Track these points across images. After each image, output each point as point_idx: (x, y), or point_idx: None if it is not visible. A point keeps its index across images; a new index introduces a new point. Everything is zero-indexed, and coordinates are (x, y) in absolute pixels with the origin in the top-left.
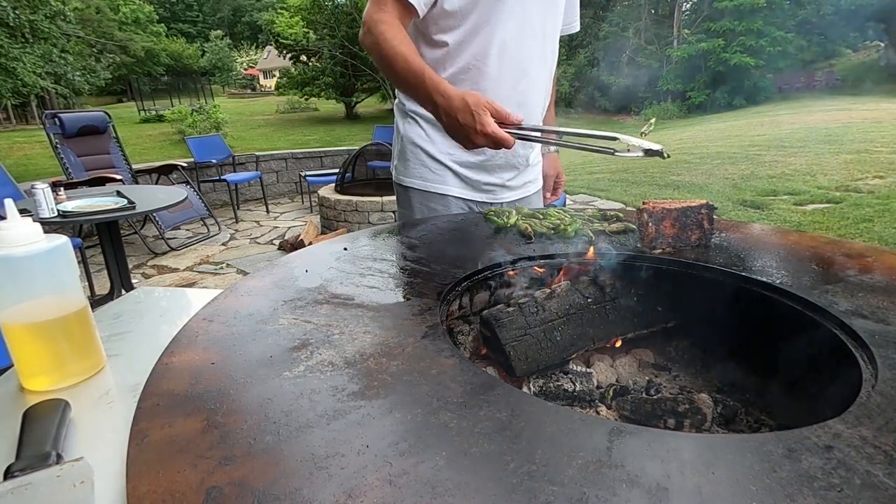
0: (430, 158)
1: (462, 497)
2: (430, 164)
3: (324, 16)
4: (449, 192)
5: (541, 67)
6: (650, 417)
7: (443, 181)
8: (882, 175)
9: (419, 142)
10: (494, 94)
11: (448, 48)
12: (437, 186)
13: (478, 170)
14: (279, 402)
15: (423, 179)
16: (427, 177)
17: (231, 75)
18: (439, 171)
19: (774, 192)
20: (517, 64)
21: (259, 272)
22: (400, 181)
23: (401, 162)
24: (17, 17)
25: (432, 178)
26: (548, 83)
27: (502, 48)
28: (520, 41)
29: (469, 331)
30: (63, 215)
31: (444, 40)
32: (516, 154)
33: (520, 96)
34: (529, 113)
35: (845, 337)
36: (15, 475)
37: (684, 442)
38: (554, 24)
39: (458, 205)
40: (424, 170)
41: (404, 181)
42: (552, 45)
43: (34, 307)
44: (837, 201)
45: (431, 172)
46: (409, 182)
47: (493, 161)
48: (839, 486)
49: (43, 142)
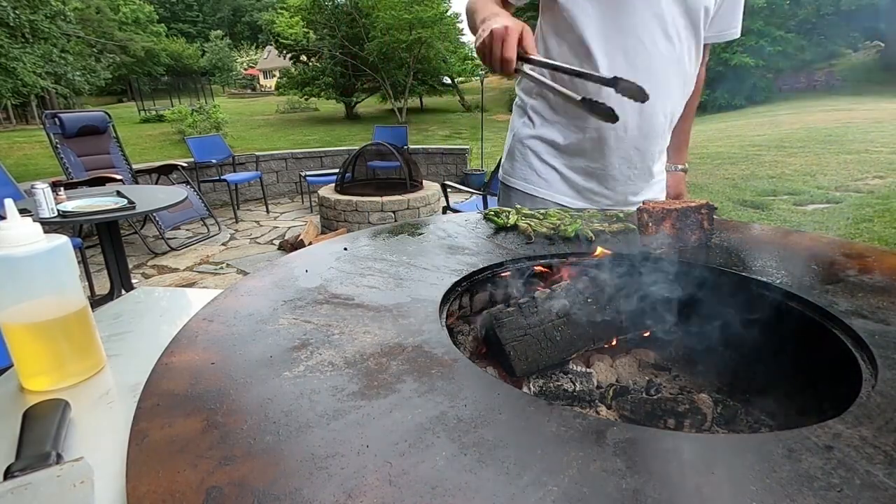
0: (537, 159)
1: (462, 497)
2: (536, 166)
3: (324, 16)
4: (553, 198)
5: (674, 75)
6: (650, 417)
7: (548, 186)
8: (882, 175)
9: (528, 141)
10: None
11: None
12: (541, 191)
13: (589, 177)
14: (279, 402)
15: (526, 181)
16: (531, 179)
17: (231, 75)
18: (546, 174)
19: (774, 192)
20: (644, 69)
21: (259, 272)
22: (505, 180)
23: (508, 160)
24: (17, 17)
25: (537, 181)
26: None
27: (628, 49)
28: (652, 43)
29: (469, 331)
30: (63, 215)
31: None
32: (631, 162)
33: (645, 105)
34: (656, 126)
35: (845, 337)
36: (15, 475)
37: (684, 442)
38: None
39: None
40: (530, 171)
41: (508, 181)
42: (690, 53)
43: (34, 307)
44: (837, 201)
45: (537, 175)
46: (513, 182)
47: (608, 172)
48: (839, 486)
49: (43, 142)
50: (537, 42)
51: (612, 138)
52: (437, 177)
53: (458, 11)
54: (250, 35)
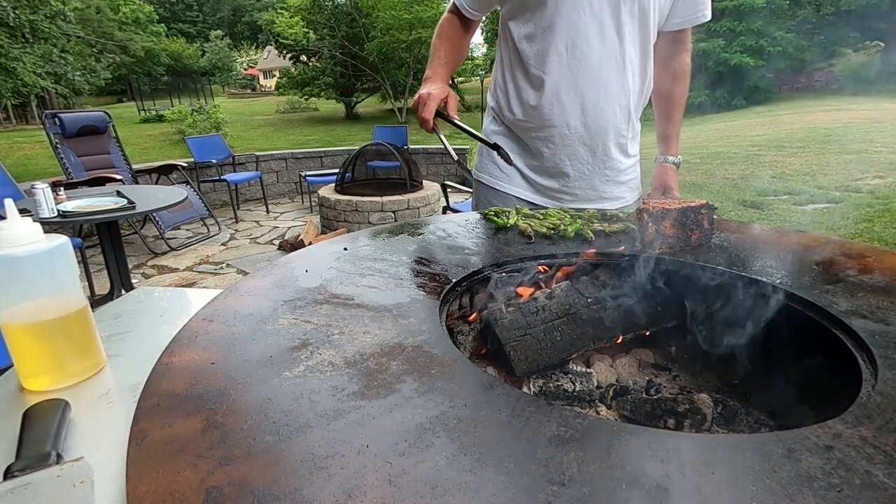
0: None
1: (462, 497)
2: (499, 162)
3: (324, 16)
4: (516, 192)
5: (615, 71)
6: (650, 417)
7: (509, 181)
8: (882, 175)
9: (492, 138)
10: (556, 96)
11: (523, 47)
12: (503, 185)
13: (545, 175)
14: (279, 402)
15: (490, 175)
16: (494, 174)
17: (231, 75)
18: (507, 169)
19: (774, 192)
20: (582, 68)
21: (259, 272)
22: (475, 175)
23: (478, 156)
24: (17, 17)
25: (499, 175)
26: (630, 87)
27: (562, 51)
28: (585, 42)
29: (469, 331)
30: (63, 215)
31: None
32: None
33: (586, 102)
34: (601, 121)
35: (845, 337)
36: (15, 475)
37: (684, 442)
38: (639, 24)
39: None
40: (493, 167)
41: (477, 175)
42: (636, 47)
43: (34, 307)
44: (837, 201)
45: (499, 170)
46: (480, 177)
47: (560, 168)
48: (839, 486)
49: (43, 142)
50: (500, 47)
51: (556, 136)
52: (437, 177)
53: None
54: (250, 35)
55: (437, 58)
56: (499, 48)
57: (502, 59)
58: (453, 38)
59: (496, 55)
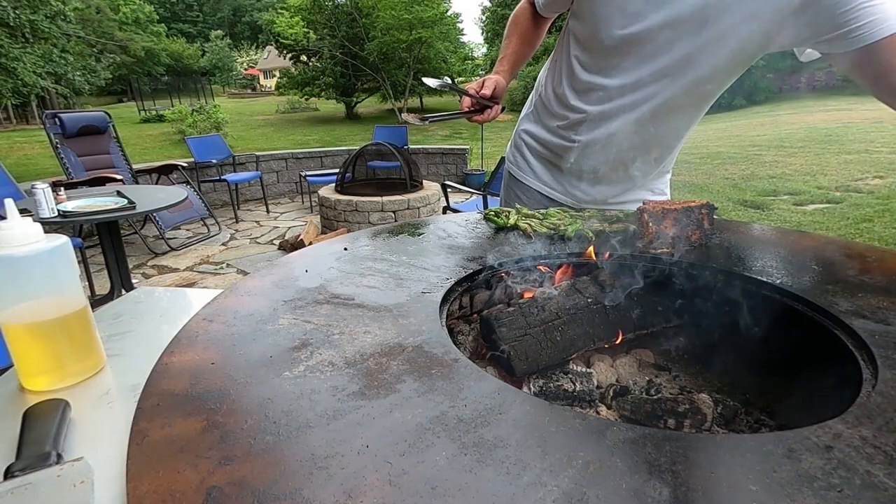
0: (527, 148)
1: (462, 497)
2: (526, 154)
3: (324, 16)
4: (532, 185)
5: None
6: (650, 417)
7: (533, 174)
8: (882, 175)
9: (524, 135)
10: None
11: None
12: (528, 179)
13: (570, 175)
14: (279, 402)
15: (516, 167)
16: (520, 164)
17: (231, 75)
18: (534, 164)
19: (774, 192)
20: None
21: (259, 272)
22: (508, 167)
23: (510, 146)
24: (17, 17)
25: (526, 170)
26: (684, 135)
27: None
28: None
29: (469, 331)
30: (63, 215)
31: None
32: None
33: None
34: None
35: (845, 337)
36: (15, 475)
37: (684, 442)
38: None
39: (540, 199)
40: (519, 157)
41: (508, 167)
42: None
43: (34, 307)
44: (837, 201)
45: (524, 161)
46: (511, 169)
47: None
48: (839, 486)
49: (43, 142)
50: (561, 49)
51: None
52: (438, 177)
53: (459, 11)
54: (250, 35)
55: (503, 49)
56: (559, 49)
57: (559, 63)
58: (526, 32)
59: (554, 55)
